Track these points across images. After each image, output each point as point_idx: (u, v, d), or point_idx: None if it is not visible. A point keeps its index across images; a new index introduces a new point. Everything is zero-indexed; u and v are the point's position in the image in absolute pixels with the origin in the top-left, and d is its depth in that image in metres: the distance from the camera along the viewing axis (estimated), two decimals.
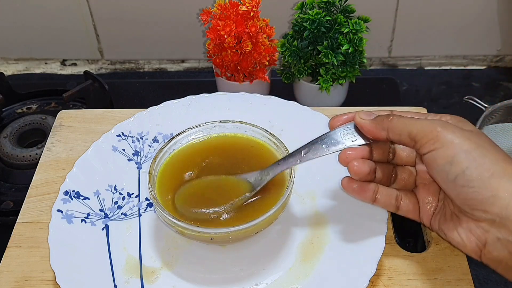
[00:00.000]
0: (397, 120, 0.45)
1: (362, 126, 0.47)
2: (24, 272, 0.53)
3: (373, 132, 0.46)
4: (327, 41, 0.72)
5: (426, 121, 0.44)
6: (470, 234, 0.43)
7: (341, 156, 0.47)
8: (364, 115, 0.47)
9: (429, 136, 0.43)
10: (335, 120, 0.50)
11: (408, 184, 0.50)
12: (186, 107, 0.65)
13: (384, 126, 0.46)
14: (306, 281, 0.51)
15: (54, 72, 0.96)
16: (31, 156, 0.75)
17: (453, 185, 0.42)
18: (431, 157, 0.43)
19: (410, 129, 0.44)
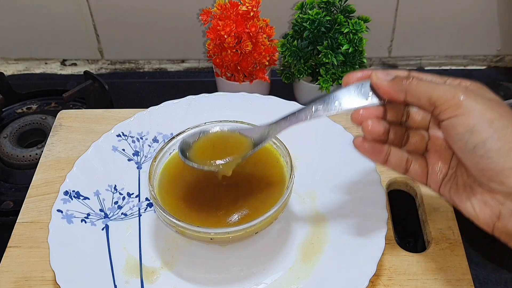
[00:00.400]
0: (417, 83, 0.43)
1: (379, 86, 0.44)
2: (24, 272, 0.53)
3: (390, 94, 0.44)
4: (327, 41, 0.72)
5: (447, 87, 0.42)
6: (484, 206, 0.42)
7: (354, 115, 0.45)
8: (381, 75, 0.45)
9: (450, 102, 0.41)
10: (350, 76, 0.47)
11: (419, 148, 0.48)
12: (186, 107, 0.65)
13: (402, 88, 0.43)
14: (306, 281, 0.51)
15: (54, 72, 0.96)
16: (31, 156, 0.75)
17: (471, 155, 0.41)
18: (451, 124, 0.41)
19: (430, 94, 0.42)
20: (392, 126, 0.47)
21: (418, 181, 0.48)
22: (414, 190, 0.61)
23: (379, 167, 0.58)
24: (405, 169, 0.48)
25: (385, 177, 0.60)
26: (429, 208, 0.58)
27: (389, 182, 0.61)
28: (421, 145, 0.48)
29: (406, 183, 0.61)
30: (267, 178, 0.53)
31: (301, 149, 0.60)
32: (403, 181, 0.61)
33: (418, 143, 0.48)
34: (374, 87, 0.45)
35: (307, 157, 0.60)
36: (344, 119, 0.65)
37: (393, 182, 0.61)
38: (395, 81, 0.44)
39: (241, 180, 0.53)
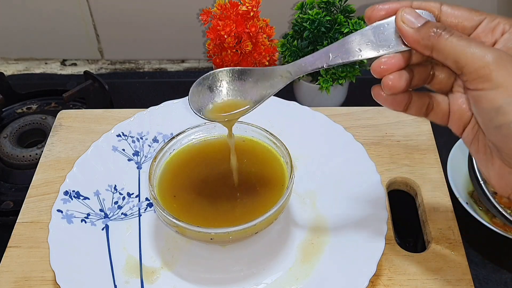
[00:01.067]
0: (445, 41, 0.38)
1: (404, 34, 0.40)
2: (24, 272, 0.53)
3: (416, 46, 0.40)
4: (327, 41, 0.72)
5: (479, 50, 0.37)
6: (501, 178, 0.40)
7: (375, 67, 0.41)
8: (409, 19, 0.39)
9: (479, 72, 0.37)
10: (375, 10, 0.41)
11: (445, 87, 0.44)
12: (186, 107, 0.64)
13: (429, 43, 0.39)
14: (306, 281, 0.51)
15: (54, 72, 0.96)
16: (31, 156, 0.75)
17: (495, 131, 0.38)
18: (477, 96, 0.38)
19: (458, 56, 0.37)
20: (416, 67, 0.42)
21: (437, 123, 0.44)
22: (414, 190, 0.61)
23: (379, 167, 0.58)
24: (425, 114, 0.44)
25: (385, 177, 0.60)
26: (429, 208, 0.58)
27: (389, 182, 0.61)
28: (447, 84, 0.44)
29: (406, 183, 0.61)
30: (267, 178, 0.53)
31: (301, 149, 0.60)
32: (403, 181, 0.61)
33: (445, 81, 0.44)
34: (399, 31, 0.40)
35: (307, 157, 0.60)
36: (344, 119, 0.66)
37: (393, 182, 0.61)
38: (423, 32, 0.39)
39: (241, 180, 0.53)
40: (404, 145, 0.64)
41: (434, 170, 0.61)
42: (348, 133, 0.61)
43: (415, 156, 0.63)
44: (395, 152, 0.63)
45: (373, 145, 0.64)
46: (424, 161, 0.62)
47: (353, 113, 0.67)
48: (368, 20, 0.42)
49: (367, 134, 0.65)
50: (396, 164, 0.62)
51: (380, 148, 0.64)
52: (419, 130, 0.65)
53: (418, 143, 0.64)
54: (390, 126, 0.66)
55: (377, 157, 0.62)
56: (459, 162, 0.67)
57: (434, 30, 0.39)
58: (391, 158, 0.63)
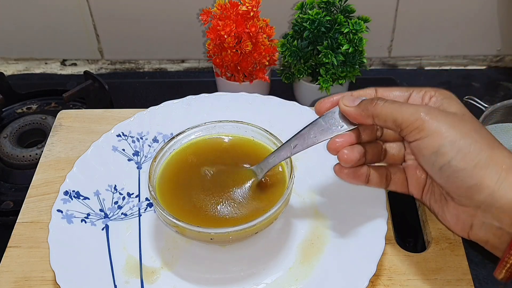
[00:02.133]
0: (381, 106, 0.44)
1: (347, 113, 0.46)
2: (24, 272, 0.53)
3: (359, 119, 0.46)
4: (327, 41, 0.72)
5: (411, 108, 0.43)
6: (457, 218, 0.44)
7: (330, 145, 0.47)
8: (348, 101, 0.46)
9: (414, 125, 0.42)
10: (321, 105, 0.49)
11: (397, 159, 0.50)
12: (186, 107, 0.65)
13: (369, 113, 0.45)
14: (306, 281, 0.51)
15: (54, 72, 0.96)
16: (31, 156, 0.75)
17: (439, 174, 0.42)
18: (417, 146, 0.43)
19: (395, 117, 0.43)
20: (368, 144, 0.48)
21: (399, 192, 0.50)
22: None
23: None
24: (386, 185, 0.50)
25: None
26: None
27: None
28: (399, 157, 0.50)
29: None
30: (267, 179, 0.53)
31: None
32: None
33: (397, 154, 0.50)
34: (344, 114, 0.47)
35: (307, 157, 0.60)
36: None
37: None
38: (361, 106, 0.46)
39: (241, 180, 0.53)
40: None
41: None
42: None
43: None
44: None
45: None
46: None
47: None
48: (318, 112, 0.49)
49: None
50: None
51: None
52: None
53: None
54: None
55: None
56: None
57: (370, 102, 0.45)
58: None
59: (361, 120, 0.46)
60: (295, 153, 0.49)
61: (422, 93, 0.46)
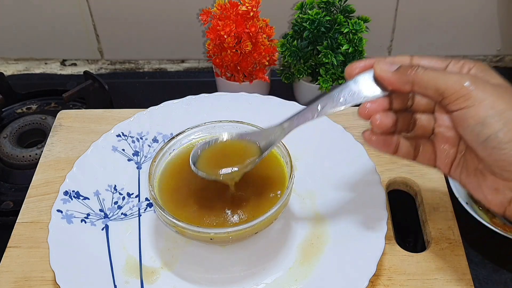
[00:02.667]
0: (422, 73, 0.42)
1: (383, 78, 0.43)
2: (24, 272, 0.53)
3: (396, 86, 0.43)
4: (327, 41, 0.72)
5: (455, 76, 0.41)
6: (495, 192, 0.42)
7: (361, 110, 0.44)
8: (384, 66, 0.43)
9: (459, 93, 0.40)
10: (353, 68, 0.45)
11: (426, 132, 0.48)
12: (186, 107, 0.65)
13: (408, 79, 0.42)
14: (306, 281, 0.51)
15: (54, 72, 0.96)
16: (31, 156, 0.75)
17: (483, 146, 0.40)
18: (461, 115, 0.40)
19: (438, 84, 0.41)
20: (399, 113, 0.46)
21: (426, 165, 0.48)
22: (414, 190, 0.61)
23: (378, 167, 0.58)
24: (414, 156, 0.47)
25: (385, 177, 0.60)
26: (429, 208, 0.58)
27: (389, 182, 0.61)
28: (428, 129, 0.47)
29: (406, 183, 0.61)
30: (267, 178, 0.53)
31: (301, 149, 0.60)
32: (403, 181, 0.61)
33: (425, 126, 0.47)
34: (379, 79, 0.44)
35: (307, 157, 0.60)
36: (344, 119, 0.65)
37: (393, 182, 0.61)
38: (400, 72, 0.43)
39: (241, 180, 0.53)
40: None
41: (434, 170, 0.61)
42: (348, 133, 0.61)
43: None
44: None
45: None
46: None
47: (353, 113, 0.67)
48: (349, 75, 0.45)
49: None
50: (396, 164, 0.62)
51: None
52: None
53: None
54: None
55: (377, 157, 0.62)
56: None
57: (410, 68, 0.42)
58: (391, 158, 0.63)
59: (398, 86, 0.43)
60: (321, 115, 0.45)
61: (460, 64, 0.44)
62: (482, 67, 0.44)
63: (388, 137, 0.46)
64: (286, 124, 0.48)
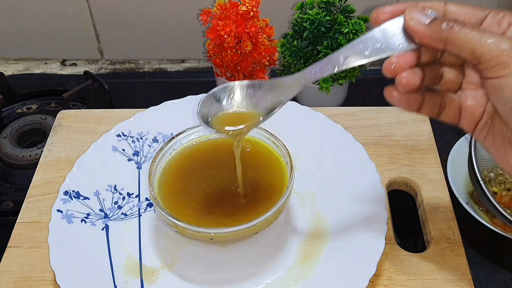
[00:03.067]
0: (458, 32, 0.38)
1: (415, 31, 0.39)
2: (24, 272, 0.53)
3: (428, 42, 0.39)
4: (327, 41, 0.72)
5: (495, 38, 0.37)
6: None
7: (387, 66, 0.40)
8: (417, 16, 0.39)
9: (497, 59, 0.37)
10: (381, 12, 0.41)
11: (453, 86, 0.44)
12: (186, 107, 0.65)
13: (442, 36, 0.38)
14: (306, 281, 0.51)
15: (54, 72, 0.96)
16: (31, 156, 0.75)
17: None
18: (497, 84, 0.37)
19: (475, 47, 0.37)
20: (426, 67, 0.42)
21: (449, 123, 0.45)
22: (414, 190, 0.61)
23: (379, 167, 0.58)
24: (438, 114, 0.44)
25: (385, 177, 0.60)
26: (429, 208, 0.58)
27: (389, 182, 0.61)
28: (456, 83, 0.44)
29: (406, 183, 0.61)
30: (267, 178, 0.53)
31: (301, 149, 0.60)
32: (403, 181, 0.61)
33: (453, 81, 0.44)
34: (409, 31, 0.40)
35: (307, 157, 0.60)
36: (344, 119, 0.66)
37: (393, 182, 0.61)
38: (434, 27, 0.39)
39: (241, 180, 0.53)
40: (404, 145, 0.64)
41: (434, 170, 0.61)
42: (348, 133, 0.61)
43: (415, 156, 0.63)
44: (395, 152, 0.63)
45: (373, 145, 0.64)
46: (424, 161, 0.62)
47: (353, 113, 0.67)
48: (375, 22, 0.41)
49: (367, 134, 0.65)
50: (396, 164, 0.62)
51: (380, 148, 0.64)
52: (419, 130, 0.65)
53: (418, 143, 0.64)
54: (390, 126, 0.66)
55: (377, 157, 0.62)
56: (459, 162, 0.67)
57: (445, 24, 0.38)
58: (391, 158, 0.63)
59: (430, 43, 0.39)
60: (343, 68, 0.41)
61: (500, 17, 0.40)
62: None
63: (412, 95, 0.42)
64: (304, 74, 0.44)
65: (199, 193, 0.52)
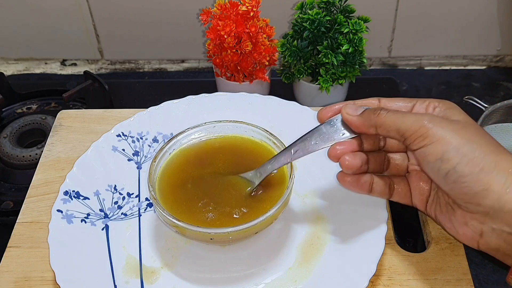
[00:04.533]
0: (384, 116, 0.44)
1: (349, 122, 0.46)
2: (24, 272, 0.53)
3: (361, 129, 0.46)
4: (327, 41, 0.72)
5: (414, 116, 0.43)
6: (465, 226, 0.43)
7: (331, 152, 0.47)
8: (350, 110, 0.46)
9: (418, 132, 0.42)
10: (324, 112, 0.49)
11: (400, 170, 0.50)
12: (186, 107, 0.65)
13: (372, 122, 0.45)
14: (306, 281, 0.51)
15: (54, 72, 0.96)
16: (31, 156, 0.75)
17: (445, 181, 0.42)
18: (422, 153, 0.43)
19: (398, 126, 0.43)
20: (371, 154, 0.48)
21: (403, 203, 0.50)
22: None
23: None
24: (390, 195, 0.50)
25: None
26: None
27: None
28: (402, 167, 0.50)
29: None
30: (267, 178, 0.53)
31: None
32: None
33: (400, 165, 0.50)
34: (346, 122, 0.47)
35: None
36: None
37: None
38: (364, 115, 0.45)
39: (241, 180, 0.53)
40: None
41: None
42: None
43: None
44: None
45: None
46: None
47: None
48: (320, 120, 0.49)
49: None
50: None
51: None
52: None
53: None
54: None
55: None
56: None
57: (373, 112, 0.45)
58: None
59: (363, 130, 0.46)
60: (295, 159, 0.49)
61: (426, 103, 0.46)
62: (447, 105, 0.46)
63: (360, 177, 0.48)
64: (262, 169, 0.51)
65: (199, 193, 0.52)
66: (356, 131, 0.46)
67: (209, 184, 0.53)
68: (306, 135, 0.48)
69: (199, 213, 0.51)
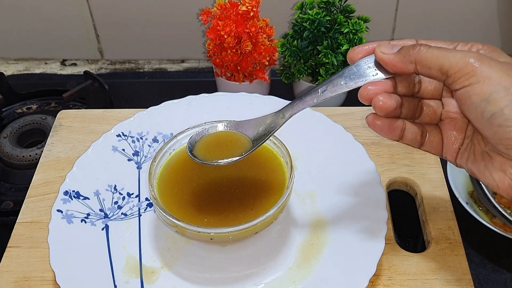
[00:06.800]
0: (425, 51, 0.40)
1: (385, 61, 0.42)
2: (24, 272, 0.53)
3: (398, 67, 0.42)
4: (327, 41, 0.72)
5: (459, 53, 0.39)
6: (503, 175, 0.40)
7: (362, 92, 0.42)
8: (385, 49, 0.42)
9: (463, 70, 0.39)
10: (355, 52, 0.44)
11: (433, 118, 0.46)
12: (186, 107, 0.65)
13: (411, 58, 0.41)
14: (306, 281, 0.51)
15: (54, 72, 0.96)
16: (31, 156, 0.75)
17: (488, 124, 0.39)
18: (465, 93, 0.39)
19: (441, 62, 0.39)
20: (404, 98, 0.44)
21: (433, 153, 0.46)
22: (414, 190, 0.61)
23: (378, 167, 0.58)
24: (420, 143, 0.46)
25: (385, 177, 0.60)
26: (429, 208, 0.58)
27: (389, 182, 0.61)
28: (435, 116, 0.46)
29: (406, 183, 0.61)
30: (267, 178, 0.53)
31: (301, 149, 0.60)
32: (403, 181, 0.61)
33: (432, 113, 0.46)
34: (381, 62, 0.42)
35: (307, 157, 0.60)
36: (344, 119, 0.66)
37: (393, 182, 0.61)
38: (402, 52, 0.41)
39: (241, 180, 0.53)
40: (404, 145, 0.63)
41: (434, 170, 0.61)
42: (348, 133, 0.61)
43: (415, 156, 0.63)
44: (395, 152, 0.63)
45: (373, 145, 0.64)
46: (424, 161, 0.62)
47: (353, 113, 0.67)
48: (351, 60, 0.44)
49: (367, 134, 0.65)
50: (396, 164, 0.62)
51: (380, 148, 0.64)
52: None
53: None
54: None
55: (377, 157, 0.62)
56: None
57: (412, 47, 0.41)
58: (391, 158, 0.63)
59: (401, 68, 0.41)
60: (322, 99, 0.44)
61: (469, 46, 0.43)
62: (491, 48, 0.42)
63: (393, 121, 0.44)
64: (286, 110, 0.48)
65: (199, 193, 0.52)
66: (392, 71, 0.42)
67: (209, 184, 0.53)
68: (335, 76, 0.44)
69: (199, 213, 0.51)
